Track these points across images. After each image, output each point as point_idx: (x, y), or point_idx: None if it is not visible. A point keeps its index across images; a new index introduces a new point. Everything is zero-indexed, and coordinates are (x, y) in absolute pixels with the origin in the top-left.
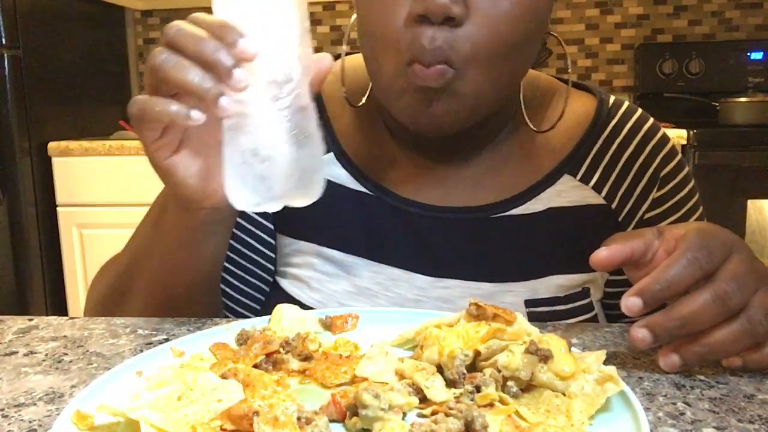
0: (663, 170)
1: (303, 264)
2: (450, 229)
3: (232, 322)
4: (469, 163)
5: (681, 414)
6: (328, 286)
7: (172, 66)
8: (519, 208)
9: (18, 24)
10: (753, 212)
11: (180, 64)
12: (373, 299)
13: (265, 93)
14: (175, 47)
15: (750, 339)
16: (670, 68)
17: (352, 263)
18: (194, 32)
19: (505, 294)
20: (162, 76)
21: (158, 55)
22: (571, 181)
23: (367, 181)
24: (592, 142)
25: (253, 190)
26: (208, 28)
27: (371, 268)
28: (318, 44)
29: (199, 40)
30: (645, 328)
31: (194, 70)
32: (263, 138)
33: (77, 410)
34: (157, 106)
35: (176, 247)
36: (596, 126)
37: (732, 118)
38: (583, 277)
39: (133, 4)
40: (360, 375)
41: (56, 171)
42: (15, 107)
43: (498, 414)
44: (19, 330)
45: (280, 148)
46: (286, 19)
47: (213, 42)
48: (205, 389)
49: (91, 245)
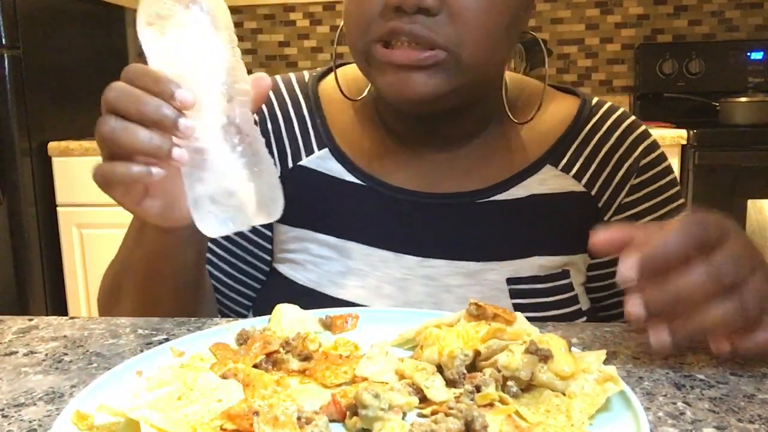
0: (642, 160)
1: (299, 249)
2: (437, 213)
3: (232, 322)
4: (458, 153)
5: (681, 414)
6: (321, 267)
7: (120, 133)
8: (503, 194)
9: (18, 24)
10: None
11: (127, 130)
12: (363, 279)
13: (214, 131)
14: (118, 112)
15: (741, 321)
16: (670, 68)
17: (343, 246)
18: (132, 93)
19: (488, 272)
20: (113, 144)
21: (104, 124)
22: (553, 171)
23: (360, 173)
24: (574, 135)
25: (220, 221)
26: (144, 86)
27: (362, 251)
28: (318, 44)
29: (140, 101)
30: (639, 300)
31: (142, 133)
32: (221, 175)
33: (77, 410)
34: (117, 171)
35: (155, 258)
36: (578, 121)
37: (732, 118)
38: (563, 259)
39: (133, 4)
40: (360, 375)
41: (56, 171)
42: (15, 107)
43: (498, 414)
44: (19, 330)
45: (240, 180)
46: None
47: (152, 100)
48: (205, 389)
49: (91, 245)
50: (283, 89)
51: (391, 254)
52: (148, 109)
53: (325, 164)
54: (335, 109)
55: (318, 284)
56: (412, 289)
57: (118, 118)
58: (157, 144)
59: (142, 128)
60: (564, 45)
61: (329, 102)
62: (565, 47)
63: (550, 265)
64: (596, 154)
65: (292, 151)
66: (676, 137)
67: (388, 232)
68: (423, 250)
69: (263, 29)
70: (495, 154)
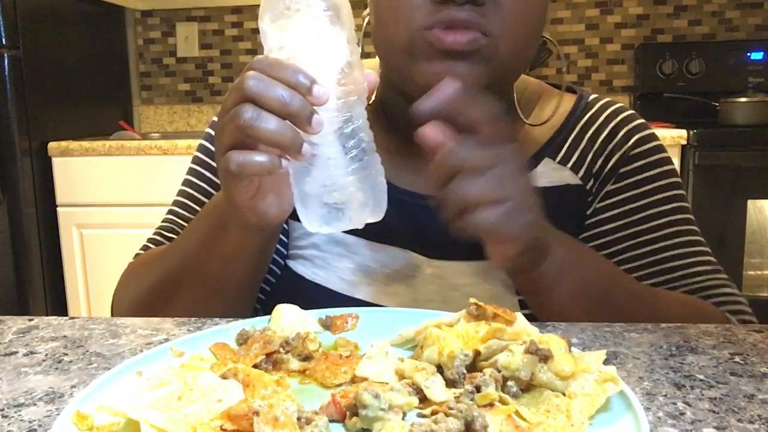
0: (634, 150)
1: (309, 245)
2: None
3: (232, 322)
4: None
5: (681, 414)
6: (331, 263)
7: (259, 123)
8: None
9: (18, 24)
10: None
11: (267, 120)
12: (370, 276)
13: (331, 129)
14: (256, 101)
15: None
16: (670, 68)
17: (353, 243)
18: (272, 84)
19: (495, 270)
20: (251, 133)
21: (244, 112)
22: (551, 164)
23: None
24: (571, 127)
25: (327, 218)
26: (282, 78)
27: (371, 248)
28: None
29: (281, 94)
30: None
31: (280, 124)
32: (332, 174)
33: (77, 410)
34: (256, 160)
35: (232, 257)
36: (574, 114)
37: (732, 118)
38: None
39: (133, 4)
40: (360, 375)
41: (56, 171)
42: (15, 107)
43: (498, 414)
44: (19, 330)
45: (349, 180)
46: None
47: (293, 95)
48: (205, 389)
49: (91, 245)
50: None
51: (399, 251)
52: (287, 100)
53: None
54: None
55: (327, 281)
56: (421, 287)
57: (254, 107)
58: (291, 137)
59: (279, 119)
60: (564, 45)
61: None
62: (565, 47)
63: None
64: (591, 145)
65: None
66: (676, 137)
67: (396, 232)
68: (430, 249)
69: None
70: None
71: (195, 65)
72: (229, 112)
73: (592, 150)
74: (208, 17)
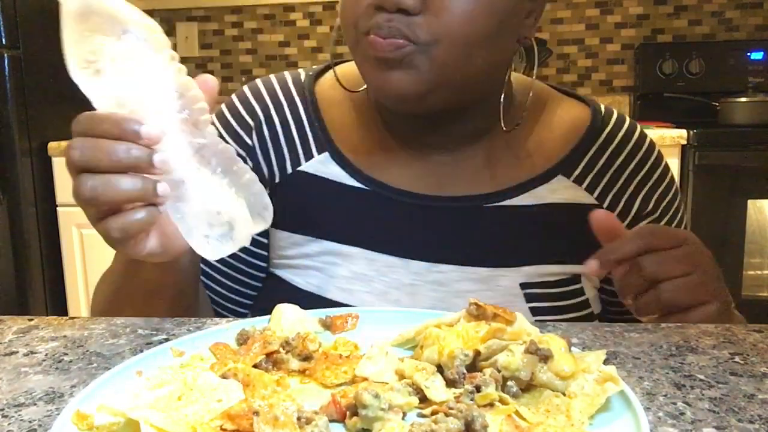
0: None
1: (299, 255)
2: (445, 217)
3: (232, 322)
4: (462, 155)
5: (681, 414)
6: (325, 273)
7: (103, 189)
8: (512, 200)
9: (18, 24)
10: (753, 212)
11: (109, 184)
12: (369, 284)
13: (187, 157)
14: (89, 169)
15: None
16: (670, 68)
17: (348, 252)
18: (96, 145)
19: (499, 278)
20: (100, 203)
21: (82, 186)
22: (565, 182)
23: (362, 176)
24: (587, 147)
25: (219, 243)
26: (104, 133)
27: (367, 256)
28: (318, 44)
29: (107, 150)
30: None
31: (124, 181)
32: (208, 199)
33: (77, 410)
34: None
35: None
36: (591, 132)
37: (732, 118)
38: (574, 268)
39: (133, 4)
40: (360, 375)
41: (56, 171)
42: (15, 107)
43: (498, 414)
44: (19, 330)
45: (228, 196)
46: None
47: (119, 145)
48: (205, 389)
49: (91, 245)
50: (279, 91)
51: (397, 260)
52: (119, 156)
53: (326, 168)
54: (334, 109)
55: (322, 289)
56: (422, 294)
57: (91, 174)
58: (141, 186)
59: (120, 176)
60: (564, 45)
61: (327, 102)
62: (565, 47)
63: (560, 272)
64: (609, 167)
65: (291, 157)
66: (676, 137)
67: (394, 237)
68: (431, 254)
69: (263, 29)
70: (501, 158)
71: (195, 65)
72: (72, 190)
73: (609, 171)
74: (208, 17)
